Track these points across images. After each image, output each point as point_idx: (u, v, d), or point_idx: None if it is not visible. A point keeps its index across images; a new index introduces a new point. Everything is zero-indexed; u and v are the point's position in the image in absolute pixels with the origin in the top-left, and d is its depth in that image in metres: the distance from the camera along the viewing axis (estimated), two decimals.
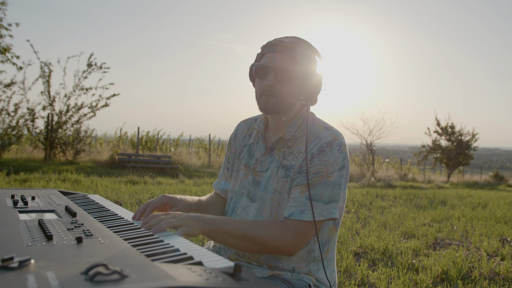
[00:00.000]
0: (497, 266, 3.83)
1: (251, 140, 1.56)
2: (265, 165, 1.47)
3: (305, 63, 1.39)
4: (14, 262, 0.71)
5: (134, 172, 11.54)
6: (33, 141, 14.29)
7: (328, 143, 1.36)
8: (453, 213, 7.45)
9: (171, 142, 19.30)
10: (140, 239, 1.02)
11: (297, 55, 1.37)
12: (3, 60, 11.55)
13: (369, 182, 13.85)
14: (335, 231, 1.47)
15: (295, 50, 1.37)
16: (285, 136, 1.45)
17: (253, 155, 1.53)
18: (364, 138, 19.45)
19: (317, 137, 1.39)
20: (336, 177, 1.35)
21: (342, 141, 1.39)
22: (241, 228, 1.30)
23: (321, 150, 1.36)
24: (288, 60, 1.37)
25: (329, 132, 1.40)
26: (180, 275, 0.70)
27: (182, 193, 7.44)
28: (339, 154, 1.36)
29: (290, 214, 1.34)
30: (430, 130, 23.48)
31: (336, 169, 1.35)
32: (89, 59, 13.29)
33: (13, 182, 7.56)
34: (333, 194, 1.35)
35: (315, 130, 1.42)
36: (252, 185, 1.49)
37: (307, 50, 1.40)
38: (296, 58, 1.37)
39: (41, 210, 1.32)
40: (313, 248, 1.43)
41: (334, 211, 1.35)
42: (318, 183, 1.34)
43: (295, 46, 1.37)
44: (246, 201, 1.49)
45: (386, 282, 3.19)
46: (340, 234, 4.76)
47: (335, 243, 1.51)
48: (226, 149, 1.69)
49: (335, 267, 1.52)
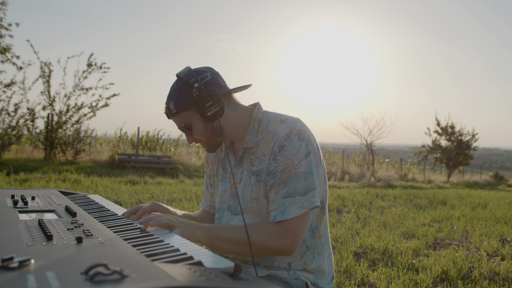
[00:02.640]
0: (497, 266, 3.83)
1: (222, 155, 1.57)
2: (238, 176, 1.48)
3: (183, 103, 1.38)
4: (14, 262, 0.71)
5: (134, 172, 11.54)
6: (33, 141, 14.28)
7: (286, 137, 1.36)
8: (453, 213, 7.45)
9: (171, 142, 19.30)
10: (140, 239, 1.02)
11: (173, 111, 1.40)
12: (3, 60, 11.55)
13: (369, 182, 13.85)
14: (322, 214, 1.47)
15: (169, 109, 1.41)
16: (248, 145, 1.45)
17: (226, 169, 1.54)
18: (364, 138, 19.46)
19: (274, 135, 1.39)
20: (305, 166, 1.35)
21: (301, 128, 1.38)
22: (237, 233, 1.31)
23: (281, 146, 1.36)
24: (174, 120, 1.43)
25: (284, 125, 1.40)
26: (180, 275, 0.70)
27: (182, 193, 7.45)
28: (300, 142, 1.35)
29: (273, 217, 1.35)
30: (430, 130, 23.48)
31: (302, 158, 1.35)
32: (89, 59, 13.29)
33: (13, 182, 7.56)
34: (307, 184, 1.34)
35: (272, 128, 1.42)
36: (231, 199, 1.50)
37: (176, 91, 1.39)
38: (174, 113, 1.40)
39: (41, 210, 1.32)
40: (303, 238, 1.44)
41: (314, 199, 1.35)
42: (289, 178, 1.34)
43: (168, 104, 1.41)
44: (228, 215, 1.50)
45: (386, 282, 3.19)
46: (340, 234, 4.76)
47: (327, 227, 1.51)
48: (205, 167, 1.71)
49: (331, 250, 1.53)
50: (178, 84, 1.40)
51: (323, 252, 1.48)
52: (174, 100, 1.39)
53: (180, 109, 1.39)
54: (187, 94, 1.37)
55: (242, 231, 1.32)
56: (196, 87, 1.36)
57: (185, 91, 1.37)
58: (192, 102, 1.37)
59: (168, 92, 1.43)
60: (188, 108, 1.38)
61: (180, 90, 1.38)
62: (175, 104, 1.39)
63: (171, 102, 1.39)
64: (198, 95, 1.36)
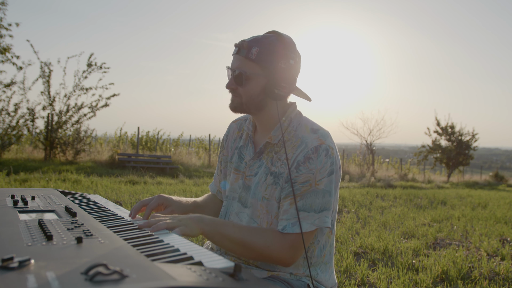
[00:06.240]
0: (497, 266, 3.83)
1: (241, 143, 1.53)
2: (254, 169, 1.45)
3: (265, 61, 1.33)
4: (14, 262, 0.71)
5: (134, 172, 11.54)
6: (33, 141, 14.28)
7: (314, 149, 1.32)
8: (453, 213, 7.45)
9: (171, 142, 19.30)
10: (140, 239, 1.02)
11: (252, 55, 1.33)
12: (3, 60, 11.54)
13: (369, 182, 13.85)
14: (330, 234, 1.46)
15: (250, 50, 1.33)
16: (272, 140, 1.42)
17: (243, 158, 1.50)
18: (364, 138, 19.46)
19: (302, 142, 1.35)
20: (326, 184, 1.32)
21: (330, 144, 1.34)
22: (239, 233, 1.29)
23: (307, 158, 1.32)
24: (243, 60, 1.35)
25: (315, 136, 1.36)
26: (180, 275, 0.70)
27: (182, 193, 7.45)
28: (327, 159, 1.32)
29: (283, 228, 1.32)
30: (430, 130, 23.49)
31: (325, 175, 1.31)
32: (89, 59, 13.28)
33: (13, 182, 7.56)
34: (324, 202, 1.32)
35: (301, 134, 1.38)
36: (243, 190, 1.46)
37: (270, 46, 1.33)
38: (251, 58, 1.33)
39: (41, 210, 1.32)
40: (310, 255, 1.42)
41: (327, 219, 1.33)
42: (307, 192, 1.31)
43: (252, 45, 1.33)
44: (238, 206, 1.47)
45: (386, 282, 3.19)
46: (340, 234, 4.75)
47: (332, 245, 1.49)
48: (219, 151, 1.67)
49: (333, 268, 1.52)
50: (278, 43, 1.34)
51: (325, 270, 1.46)
52: (263, 49, 1.32)
53: (259, 61, 1.33)
54: (277, 59, 1.33)
55: (245, 232, 1.30)
56: (291, 63, 1.35)
57: (279, 55, 1.33)
58: (275, 69, 1.33)
59: (261, 36, 1.36)
60: (265, 67, 1.33)
61: (276, 49, 1.33)
62: (260, 53, 1.32)
63: (257, 48, 1.32)
64: (285, 69, 1.34)
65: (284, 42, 1.36)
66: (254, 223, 1.42)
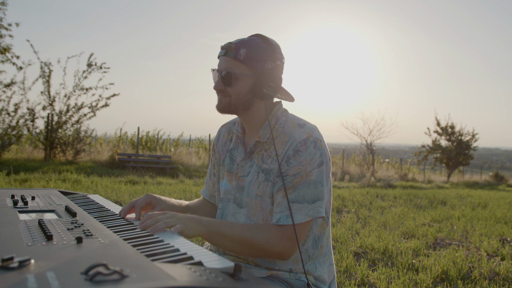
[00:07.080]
0: (497, 266, 3.83)
1: (232, 145, 1.55)
2: (246, 170, 1.47)
3: (253, 61, 1.37)
4: (14, 262, 0.71)
5: (134, 172, 11.54)
6: (33, 141, 14.28)
7: (303, 142, 1.35)
8: (453, 213, 7.45)
9: (171, 142, 19.30)
10: (140, 239, 1.02)
11: (241, 56, 1.36)
12: (3, 60, 11.55)
13: (369, 182, 13.85)
14: (326, 225, 1.47)
15: (238, 51, 1.36)
16: (261, 139, 1.44)
17: (234, 160, 1.52)
18: (364, 138, 19.46)
19: (291, 137, 1.38)
20: (317, 175, 1.34)
21: (317, 137, 1.37)
22: (238, 231, 1.30)
23: (296, 150, 1.35)
24: (231, 61, 1.37)
25: (302, 130, 1.39)
26: (180, 275, 0.70)
27: (182, 193, 7.45)
28: (315, 151, 1.35)
29: (277, 220, 1.34)
30: (430, 130, 23.49)
31: (315, 166, 1.34)
32: (89, 59, 13.29)
33: (13, 182, 7.56)
34: (316, 193, 1.34)
35: (289, 130, 1.40)
36: (237, 191, 1.48)
37: (257, 48, 1.38)
38: (240, 59, 1.36)
39: (41, 210, 1.32)
40: (306, 247, 1.43)
41: (320, 209, 1.35)
42: (299, 184, 1.33)
43: (240, 47, 1.37)
44: (234, 208, 1.49)
45: (386, 282, 3.19)
46: (340, 234, 4.75)
47: (329, 237, 1.51)
48: (210, 155, 1.69)
49: (332, 261, 1.53)
50: (264, 45, 1.39)
51: (323, 263, 1.47)
52: (250, 50, 1.36)
53: (247, 62, 1.36)
54: (265, 59, 1.38)
55: (243, 230, 1.31)
56: (278, 64, 1.39)
57: (266, 56, 1.38)
58: (262, 69, 1.37)
59: (247, 38, 1.40)
60: (254, 68, 1.37)
61: (263, 50, 1.38)
62: (248, 54, 1.36)
63: (245, 49, 1.36)
64: (272, 70, 1.38)
65: (271, 44, 1.41)
66: (251, 222, 1.43)
